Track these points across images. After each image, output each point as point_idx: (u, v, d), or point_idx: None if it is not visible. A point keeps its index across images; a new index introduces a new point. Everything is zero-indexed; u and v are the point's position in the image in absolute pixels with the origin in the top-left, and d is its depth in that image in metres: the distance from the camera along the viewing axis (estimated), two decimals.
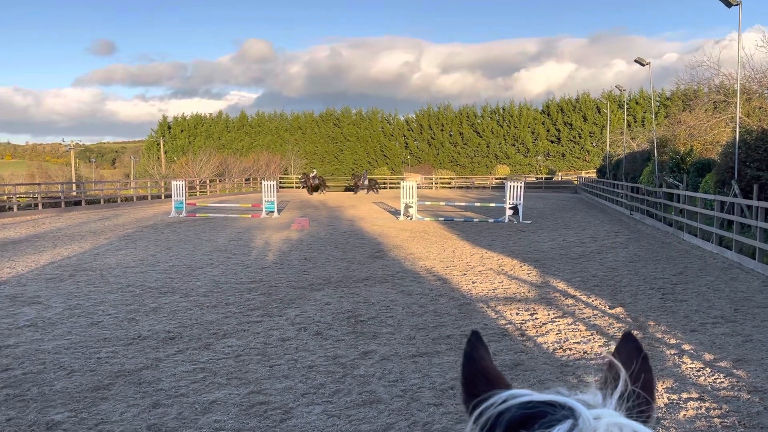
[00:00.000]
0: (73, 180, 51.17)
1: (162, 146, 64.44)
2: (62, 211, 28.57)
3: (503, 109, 68.60)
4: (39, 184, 35.71)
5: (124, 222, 23.37)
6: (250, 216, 25.52)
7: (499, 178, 56.15)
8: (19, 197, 31.14)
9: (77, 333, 7.65)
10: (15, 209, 27.85)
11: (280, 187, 51.63)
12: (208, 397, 5.50)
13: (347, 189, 47.55)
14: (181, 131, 69.69)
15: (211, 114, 71.96)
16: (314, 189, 45.13)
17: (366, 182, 46.94)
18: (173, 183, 27.34)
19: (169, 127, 70.27)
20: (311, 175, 46.64)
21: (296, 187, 55.92)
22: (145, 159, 65.05)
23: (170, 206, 27.70)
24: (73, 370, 6.24)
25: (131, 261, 13.49)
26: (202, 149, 56.43)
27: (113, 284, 10.85)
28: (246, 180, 52.82)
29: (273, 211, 25.90)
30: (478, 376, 0.85)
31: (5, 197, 31.53)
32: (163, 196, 38.24)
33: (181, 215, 25.74)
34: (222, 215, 26.05)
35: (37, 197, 30.81)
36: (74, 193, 35.12)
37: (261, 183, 28.80)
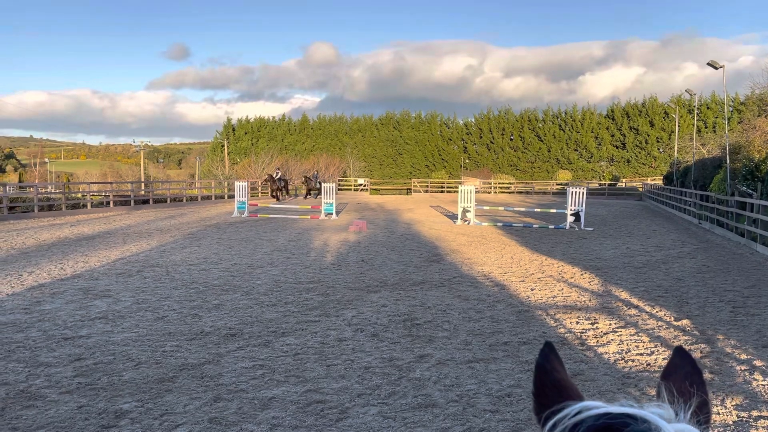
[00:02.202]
0: (142, 179, 53.25)
1: (226, 148, 66.28)
2: (132, 209, 29.79)
3: (566, 113, 67.25)
4: (111, 183, 37.41)
5: (188, 221, 24.15)
6: (309, 217, 25.92)
7: (561, 184, 55.00)
8: (93, 195, 32.67)
9: (144, 326, 7.96)
10: (89, 206, 29.25)
11: (339, 189, 52.19)
12: (267, 394, 5.62)
13: (308, 192, 42.86)
14: (245, 133, 71.56)
15: (273, 117, 73.65)
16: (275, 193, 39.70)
17: (316, 184, 42.08)
18: (236, 183, 28.08)
19: (233, 130, 72.29)
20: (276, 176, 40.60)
21: (354, 190, 56.44)
22: (209, 160, 67.12)
23: (233, 206, 28.44)
24: (140, 361, 6.50)
25: (195, 258, 13.93)
26: (264, 151, 57.75)
27: (178, 281, 11.23)
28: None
29: (332, 213, 26.21)
30: (550, 386, 0.85)
31: (80, 195, 33.14)
32: (226, 197, 39.32)
33: (243, 215, 26.38)
34: (282, 216, 26.56)
35: (108, 195, 32.27)
36: (143, 192, 36.54)
37: (320, 185, 29.18)
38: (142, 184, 41.85)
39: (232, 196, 33.06)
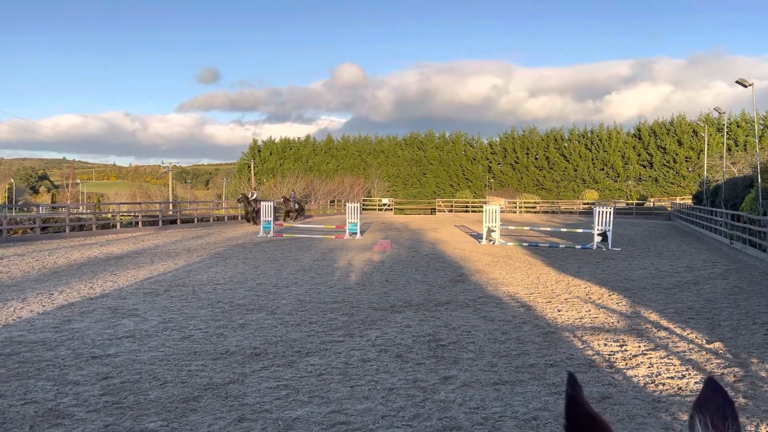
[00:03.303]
0: (170, 200, 54.06)
1: (252, 168, 67.06)
2: (160, 229, 30.22)
3: (591, 132, 66.76)
4: (140, 203, 38.04)
5: (215, 240, 24.40)
6: (334, 237, 26.00)
7: (587, 203, 54.43)
8: (122, 216, 33.27)
9: (170, 345, 8.02)
10: (118, 226, 29.77)
11: (364, 209, 52.33)
12: (291, 414, 5.61)
13: (287, 214, 37.68)
14: (270, 154, 72.38)
15: (299, 138, 74.48)
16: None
17: (296, 206, 38.34)
18: (262, 204, 28.32)
19: (259, 150, 73.21)
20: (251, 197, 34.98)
21: (379, 209, 56.55)
22: (236, 180, 67.93)
23: (259, 226, 28.67)
24: (166, 381, 6.55)
25: (221, 278, 14.05)
26: (290, 171, 58.32)
27: (204, 300, 11.32)
28: (331, 202, 53.98)
29: (356, 233, 26.26)
30: (584, 418, 0.85)
31: (110, 215, 33.76)
32: None
33: (268, 235, 26.58)
34: (307, 236, 26.69)
35: (137, 216, 32.82)
36: (171, 213, 37.07)
37: (345, 205, 29.31)
38: (170, 205, 42.46)
39: None
